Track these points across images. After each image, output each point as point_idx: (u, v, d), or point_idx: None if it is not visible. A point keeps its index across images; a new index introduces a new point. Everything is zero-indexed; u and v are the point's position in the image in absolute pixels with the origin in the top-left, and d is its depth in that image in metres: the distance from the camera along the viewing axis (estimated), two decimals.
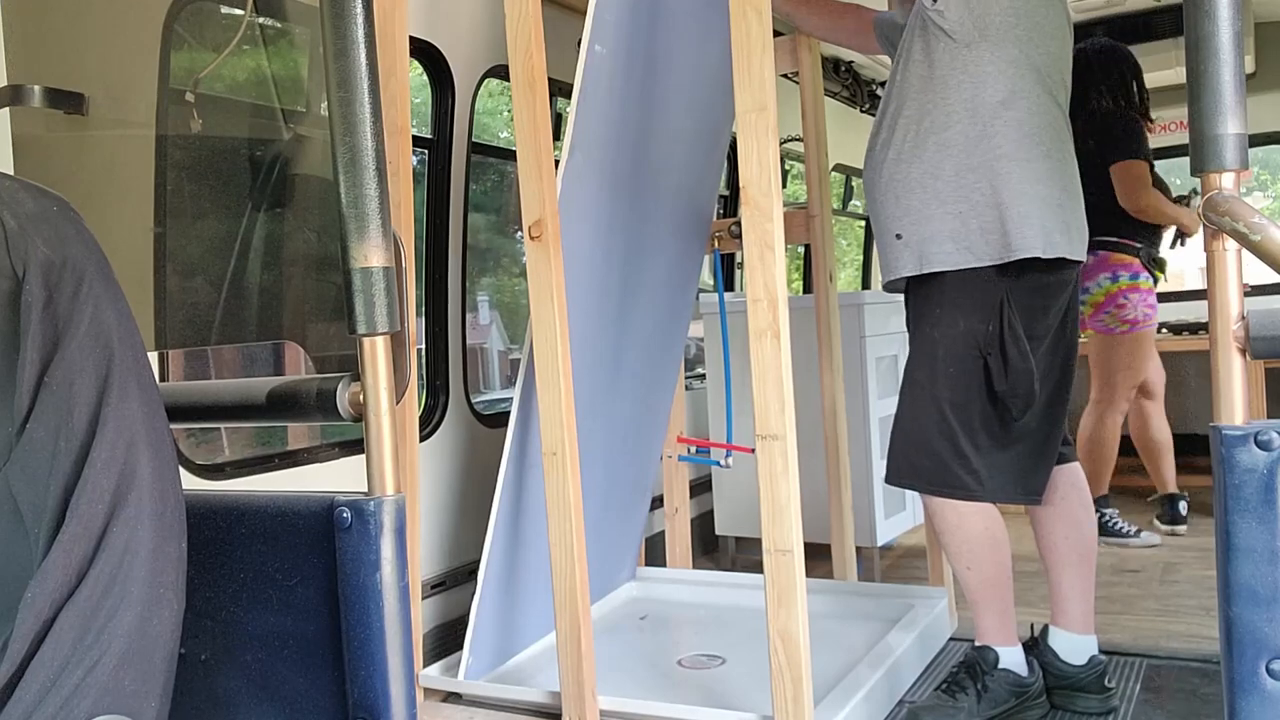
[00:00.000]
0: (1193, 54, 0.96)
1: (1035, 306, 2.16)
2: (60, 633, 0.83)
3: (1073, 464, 2.38)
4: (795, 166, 4.82)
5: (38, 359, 0.88)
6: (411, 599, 2.14)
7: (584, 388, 2.26)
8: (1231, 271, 0.96)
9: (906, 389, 2.26)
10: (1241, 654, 0.93)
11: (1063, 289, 2.20)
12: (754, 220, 1.95)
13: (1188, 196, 3.74)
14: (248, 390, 1.24)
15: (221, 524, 1.14)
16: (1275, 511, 0.92)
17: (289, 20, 2.65)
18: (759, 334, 1.95)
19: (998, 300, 2.13)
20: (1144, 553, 3.63)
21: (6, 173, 1.01)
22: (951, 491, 2.18)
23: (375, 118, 1.03)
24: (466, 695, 2.41)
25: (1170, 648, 2.64)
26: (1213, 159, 0.95)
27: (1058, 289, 2.19)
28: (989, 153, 2.11)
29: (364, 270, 1.03)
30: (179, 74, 2.25)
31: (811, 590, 2.06)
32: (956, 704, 2.21)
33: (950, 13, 2.11)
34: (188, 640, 1.01)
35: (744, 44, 1.93)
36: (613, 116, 2.34)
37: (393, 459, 1.05)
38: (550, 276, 2.12)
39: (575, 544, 2.13)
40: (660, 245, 2.80)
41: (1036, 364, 2.15)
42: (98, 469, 0.87)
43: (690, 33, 2.59)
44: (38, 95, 1.91)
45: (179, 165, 2.30)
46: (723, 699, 2.35)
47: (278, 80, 2.61)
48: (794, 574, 1.96)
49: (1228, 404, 0.95)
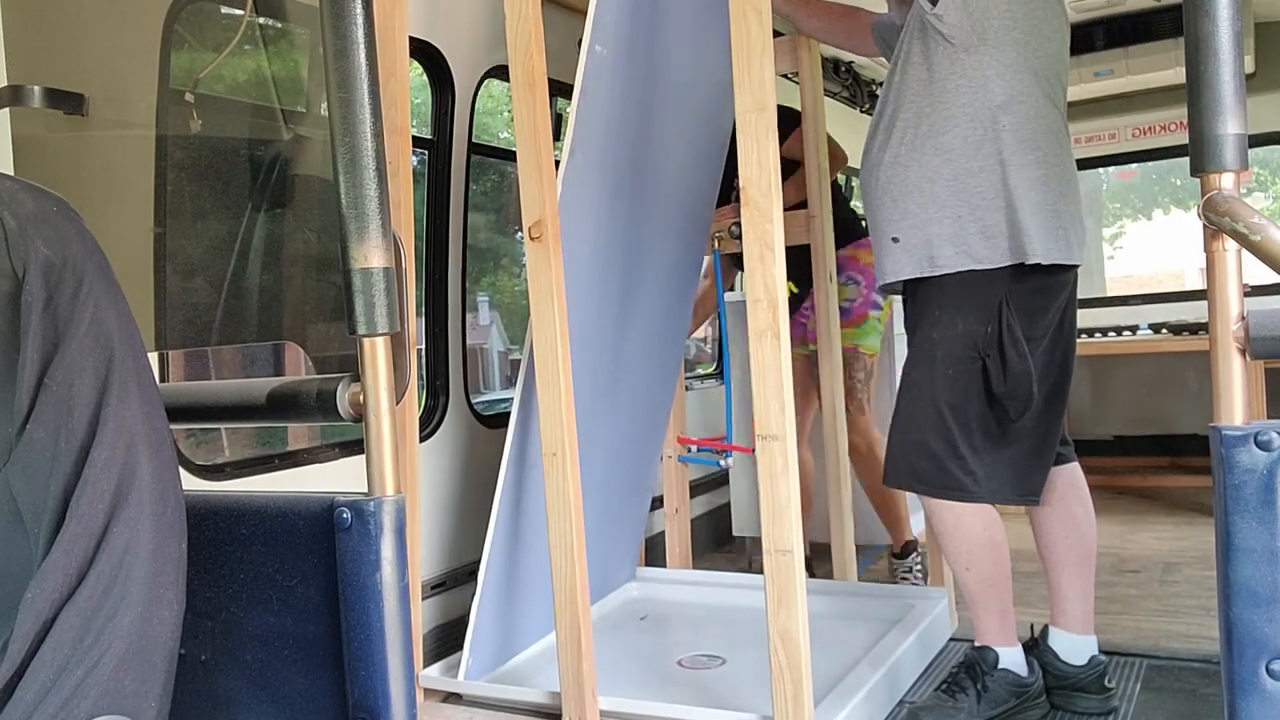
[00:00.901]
0: (1193, 54, 0.96)
1: (1034, 308, 2.16)
2: (60, 633, 0.83)
3: (1071, 464, 2.37)
4: None
5: (38, 359, 0.88)
6: (411, 599, 2.15)
7: (584, 388, 2.26)
8: (1231, 271, 0.96)
9: (904, 390, 2.26)
10: (1241, 654, 0.93)
11: (1061, 290, 2.20)
12: (754, 220, 1.95)
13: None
14: (248, 391, 1.24)
15: (222, 524, 1.14)
16: (1275, 511, 0.92)
17: (289, 20, 2.65)
18: (759, 334, 1.95)
19: (996, 302, 2.13)
20: (1144, 553, 3.63)
21: (6, 173, 1.01)
22: (949, 493, 2.18)
23: (375, 118, 1.03)
24: (466, 695, 2.41)
25: (1170, 648, 2.64)
26: (1213, 159, 0.95)
27: (1056, 290, 2.19)
28: (988, 157, 2.11)
29: (364, 271, 1.03)
30: (179, 74, 2.25)
31: (811, 590, 2.06)
32: (956, 704, 2.21)
33: (949, 16, 2.10)
34: (188, 640, 1.02)
35: (744, 44, 1.93)
36: (613, 117, 2.34)
37: (393, 459, 1.05)
38: (550, 277, 2.12)
39: (575, 544, 2.13)
40: (660, 245, 2.80)
41: (1034, 365, 2.15)
42: (98, 469, 0.87)
43: (690, 33, 2.59)
44: (38, 95, 1.91)
45: (179, 165, 2.30)
46: (723, 699, 2.34)
47: (278, 80, 2.61)
48: (794, 574, 1.96)
49: (1228, 404, 0.95)
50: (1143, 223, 7.42)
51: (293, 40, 2.68)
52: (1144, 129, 5.05)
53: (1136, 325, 4.76)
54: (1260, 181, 6.81)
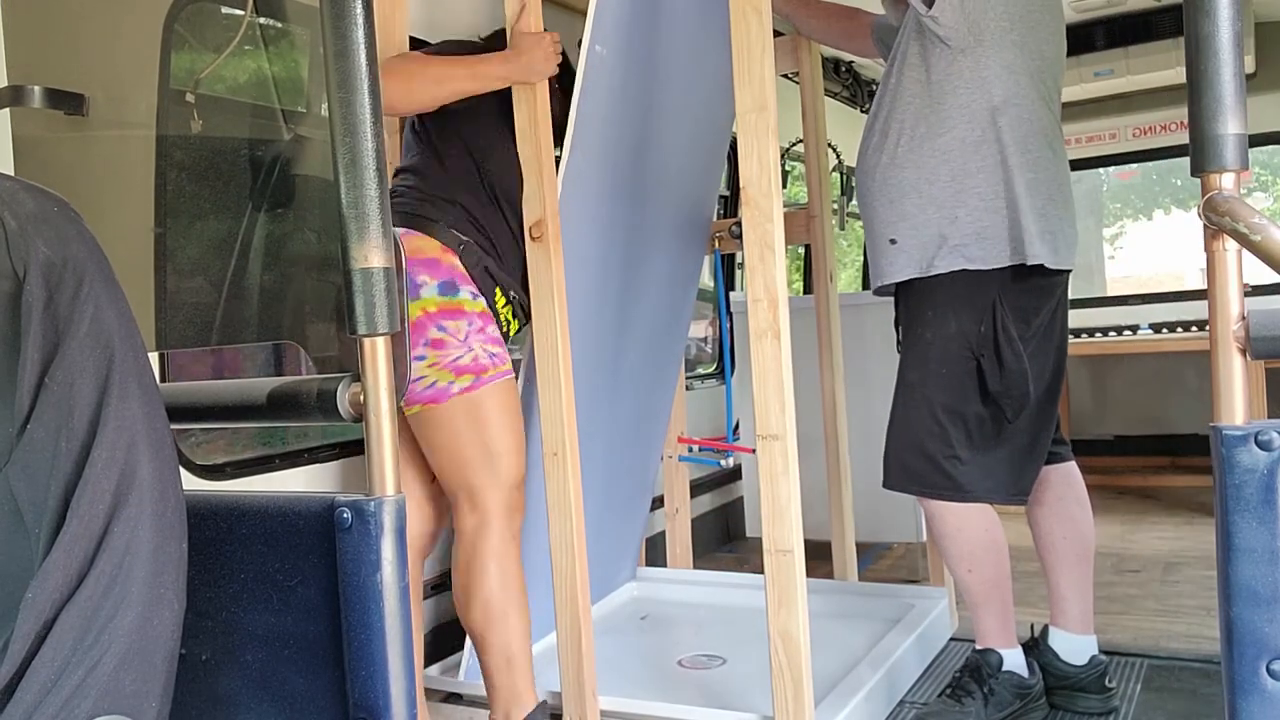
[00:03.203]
0: (1193, 54, 0.96)
1: (1027, 308, 2.16)
2: (61, 633, 0.83)
3: (1068, 463, 2.37)
4: (796, 167, 4.83)
5: (38, 359, 0.89)
6: (412, 599, 2.15)
7: (584, 388, 2.26)
8: (1231, 271, 0.96)
9: (899, 391, 2.26)
10: (1242, 654, 0.93)
11: (1054, 290, 2.20)
12: (754, 220, 1.95)
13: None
14: (248, 390, 1.24)
15: (222, 524, 1.14)
16: (1275, 511, 0.92)
17: (289, 20, 2.65)
18: (759, 334, 1.95)
19: (990, 301, 2.13)
20: (1144, 553, 3.63)
21: (7, 173, 1.01)
22: (944, 493, 2.18)
23: (375, 118, 1.03)
24: (466, 695, 2.41)
25: (1170, 648, 2.64)
26: (1213, 159, 0.95)
27: (1049, 290, 2.19)
28: (985, 159, 2.11)
29: (364, 271, 1.03)
30: (179, 74, 2.25)
31: (812, 590, 2.06)
32: (964, 709, 2.20)
33: (945, 18, 2.10)
34: (188, 640, 1.01)
35: (744, 44, 1.93)
36: (613, 117, 2.34)
37: (393, 459, 1.05)
38: (551, 277, 2.12)
39: (576, 543, 2.13)
40: (661, 245, 2.80)
41: (1029, 364, 2.15)
42: (98, 469, 0.87)
43: (691, 33, 2.59)
44: (38, 96, 1.91)
45: (179, 166, 2.30)
46: (723, 699, 2.34)
47: (278, 81, 2.61)
48: (794, 574, 1.96)
49: (1228, 404, 0.95)
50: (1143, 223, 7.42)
51: (293, 40, 2.68)
52: (1144, 129, 5.04)
53: (1136, 325, 4.76)
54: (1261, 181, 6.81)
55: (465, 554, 2.06)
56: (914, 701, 2.40)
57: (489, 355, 2.07)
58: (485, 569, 2.04)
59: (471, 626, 2.07)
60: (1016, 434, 2.21)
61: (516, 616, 2.05)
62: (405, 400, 2.00)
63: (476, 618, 2.05)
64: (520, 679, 2.06)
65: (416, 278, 2.04)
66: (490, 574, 2.03)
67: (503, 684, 2.05)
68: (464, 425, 2.04)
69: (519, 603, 2.06)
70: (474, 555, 2.05)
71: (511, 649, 2.04)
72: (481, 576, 2.04)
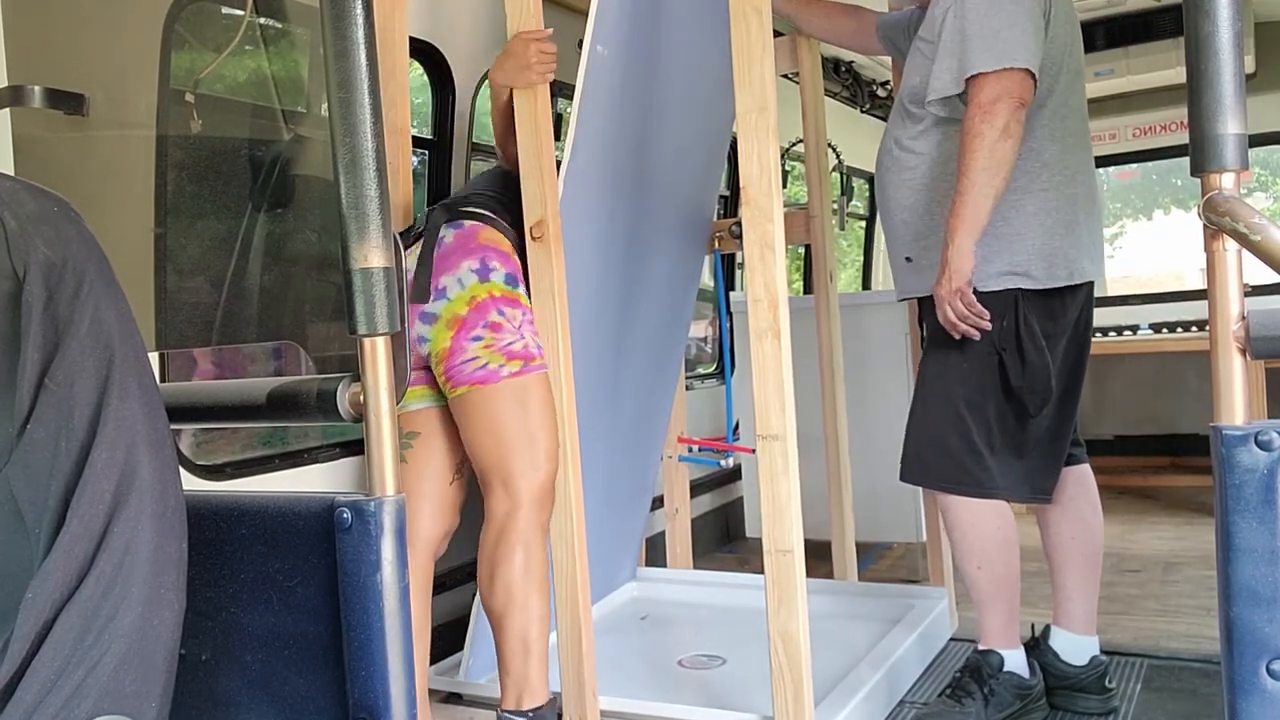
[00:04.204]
0: (1193, 54, 0.96)
1: (1053, 306, 2.16)
2: (61, 633, 0.83)
3: (1083, 465, 2.37)
4: (796, 167, 4.83)
5: (38, 359, 0.88)
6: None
7: (585, 388, 2.26)
8: (1231, 271, 0.96)
9: (922, 386, 2.26)
10: (1242, 654, 0.93)
11: (1079, 292, 2.21)
12: (754, 220, 1.95)
13: None
14: (248, 390, 1.24)
15: (222, 524, 1.14)
16: (1275, 511, 0.92)
17: (289, 20, 2.65)
18: (759, 334, 1.95)
19: (1013, 298, 2.13)
20: (1144, 553, 3.63)
21: (7, 173, 1.01)
22: (965, 489, 2.18)
23: (375, 119, 1.03)
24: (467, 695, 2.41)
25: (1171, 648, 2.64)
26: (1213, 159, 0.95)
27: (1074, 292, 2.19)
28: (1021, 192, 2.12)
29: (364, 271, 1.03)
30: (179, 74, 2.25)
31: (812, 590, 2.07)
32: (964, 710, 2.20)
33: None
34: (188, 640, 1.01)
35: (744, 44, 1.93)
36: (614, 117, 2.34)
37: (393, 459, 1.05)
38: (551, 277, 2.12)
39: (576, 543, 2.13)
40: (661, 245, 2.80)
41: (1052, 360, 2.15)
42: (98, 469, 0.87)
43: (691, 33, 2.59)
44: (38, 96, 1.91)
45: (179, 165, 2.30)
46: (723, 699, 2.35)
47: (278, 81, 2.61)
48: (794, 574, 1.96)
49: (1228, 404, 0.95)
50: (1143, 223, 7.43)
51: (293, 40, 2.68)
52: (1144, 129, 5.04)
53: (1137, 325, 4.76)
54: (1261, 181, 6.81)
55: (494, 536, 2.07)
56: (914, 701, 2.40)
57: (537, 346, 2.12)
58: (512, 552, 2.04)
59: (492, 609, 2.07)
60: (1038, 432, 2.21)
61: (537, 604, 2.05)
62: (452, 381, 2.07)
63: (498, 600, 2.05)
64: (534, 668, 2.05)
65: (489, 263, 2.11)
66: (516, 558, 2.04)
67: (517, 669, 2.05)
68: (510, 408, 2.06)
69: (541, 591, 2.06)
70: (502, 538, 2.05)
71: (529, 635, 2.04)
72: (508, 560, 2.04)
